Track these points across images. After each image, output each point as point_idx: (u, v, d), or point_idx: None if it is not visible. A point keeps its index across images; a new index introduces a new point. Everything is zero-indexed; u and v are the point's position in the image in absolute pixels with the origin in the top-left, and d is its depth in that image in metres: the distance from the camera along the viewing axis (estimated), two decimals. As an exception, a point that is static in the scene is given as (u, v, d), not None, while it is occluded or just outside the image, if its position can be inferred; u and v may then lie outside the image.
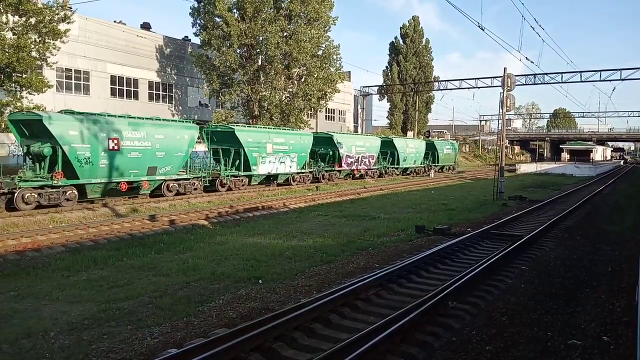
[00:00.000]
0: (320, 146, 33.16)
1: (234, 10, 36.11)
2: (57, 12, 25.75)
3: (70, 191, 17.57)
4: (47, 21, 25.32)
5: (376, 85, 67.97)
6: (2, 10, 24.39)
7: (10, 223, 14.37)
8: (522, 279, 8.79)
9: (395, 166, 41.51)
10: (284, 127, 33.62)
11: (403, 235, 13.39)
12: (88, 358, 5.61)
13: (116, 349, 5.84)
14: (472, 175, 46.06)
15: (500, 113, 23.85)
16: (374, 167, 38.51)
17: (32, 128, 17.49)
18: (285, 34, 37.07)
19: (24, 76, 25.18)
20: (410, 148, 43.23)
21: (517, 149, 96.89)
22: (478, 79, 55.78)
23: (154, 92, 40.42)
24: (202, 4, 36.85)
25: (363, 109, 67.80)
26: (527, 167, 56.60)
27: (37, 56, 25.63)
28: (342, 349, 5.18)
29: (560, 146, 78.74)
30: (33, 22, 25.06)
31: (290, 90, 39.38)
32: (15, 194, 15.97)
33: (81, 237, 13.21)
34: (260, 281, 8.73)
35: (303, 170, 30.33)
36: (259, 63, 37.75)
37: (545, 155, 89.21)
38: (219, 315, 6.97)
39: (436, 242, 11.99)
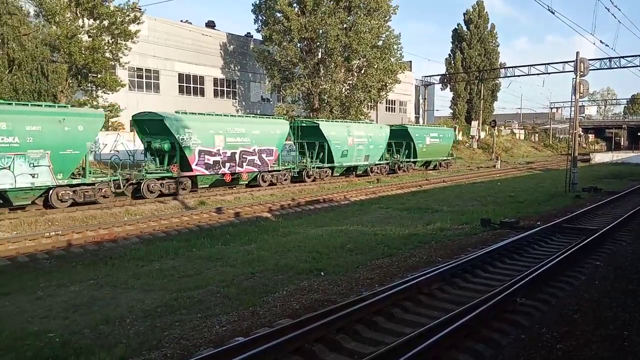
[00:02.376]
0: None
1: (294, 5, 36.42)
2: (127, 13, 27.10)
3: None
4: (118, 23, 26.74)
5: (438, 75, 66.26)
6: (79, 15, 26.01)
7: (89, 216, 15.39)
8: (597, 275, 8.31)
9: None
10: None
11: (467, 228, 13.04)
12: (161, 344, 5.92)
13: (187, 336, 6.13)
14: (542, 166, 43.97)
15: (573, 100, 22.57)
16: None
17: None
18: (344, 25, 36.95)
19: (99, 76, 26.77)
20: (361, 139, 29.89)
21: (591, 137, 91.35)
22: (548, 64, 52.92)
23: (219, 88, 41.66)
24: (263, 0, 37.47)
25: (425, 99, 66.40)
26: (602, 157, 53.25)
27: (111, 57, 27.17)
28: (406, 343, 5.15)
29: (639, 134, 73.40)
30: (106, 25, 26.55)
31: (350, 82, 39.27)
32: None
33: (154, 228, 13.93)
34: (322, 273, 8.83)
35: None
36: (319, 56, 37.90)
37: (622, 143, 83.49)
38: (282, 305, 7.13)
39: (503, 236, 11.58)
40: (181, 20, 39.85)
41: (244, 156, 21.83)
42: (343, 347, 5.59)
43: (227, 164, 21.21)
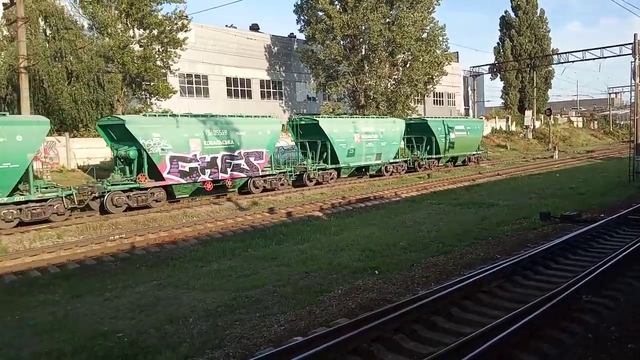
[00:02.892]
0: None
1: (336, 3, 36.40)
2: (175, 22, 27.97)
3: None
4: (167, 31, 27.65)
5: (487, 65, 64.34)
6: (129, 25, 27.09)
7: (150, 219, 16.03)
8: (670, 270, 7.86)
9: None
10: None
11: (526, 223, 12.62)
12: (223, 343, 6.09)
13: (247, 335, 6.28)
14: (603, 155, 41.83)
15: (633, 84, 21.35)
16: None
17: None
18: (387, 20, 36.58)
19: (151, 84, 27.81)
20: (370, 135, 26.79)
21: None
22: (603, 48, 50.13)
23: (265, 90, 42.28)
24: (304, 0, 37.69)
25: (473, 90, 64.67)
26: (669, 142, 49.91)
27: (162, 65, 28.15)
28: (467, 343, 5.06)
29: None
30: (155, 34, 27.52)
31: (396, 77, 38.85)
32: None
33: (210, 230, 14.35)
34: (376, 272, 8.80)
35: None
36: (363, 53, 37.72)
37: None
38: (338, 305, 7.17)
39: (565, 230, 11.14)
40: (226, 25, 40.75)
41: (227, 161, 19.50)
42: (402, 347, 5.56)
43: (207, 171, 18.93)
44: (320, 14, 36.35)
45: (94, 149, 24.22)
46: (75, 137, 24.61)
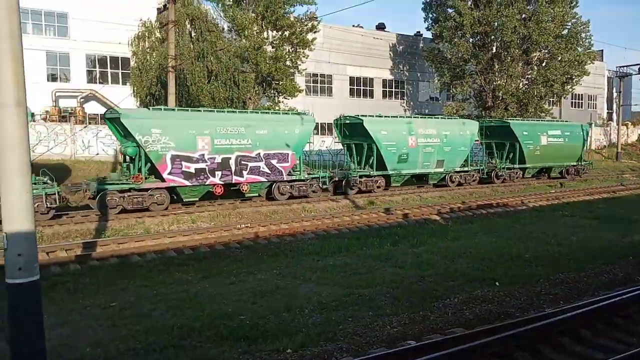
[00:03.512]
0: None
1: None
2: (305, 23, 29.10)
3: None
4: (297, 32, 28.86)
5: (636, 64, 57.39)
6: (264, 28, 28.75)
7: (272, 211, 16.91)
8: None
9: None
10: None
11: (678, 244, 11.09)
12: (336, 337, 6.23)
13: (360, 332, 6.35)
14: None
15: None
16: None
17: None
18: (523, 16, 34.36)
19: (280, 83, 29.26)
20: (430, 139, 22.76)
21: None
22: None
23: (387, 89, 42.21)
24: (434, -3, 36.89)
25: (619, 92, 58.13)
26: None
27: (291, 65, 29.48)
28: (599, 372, 4.61)
29: None
30: (287, 35, 28.87)
31: (529, 76, 36.38)
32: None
33: (327, 225, 14.73)
34: (497, 283, 8.36)
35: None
36: (493, 51, 35.89)
37: None
38: (455, 313, 6.95)
39: None
40: (353, 25, 41.32)
41: (242, 162, 17.30)
42: (523, 366, 5.24)
43: (218, 173, 16.83)
44: (450, 11, 35.31)
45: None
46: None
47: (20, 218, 4.76)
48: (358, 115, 21.83)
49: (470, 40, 35.75)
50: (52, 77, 30.03)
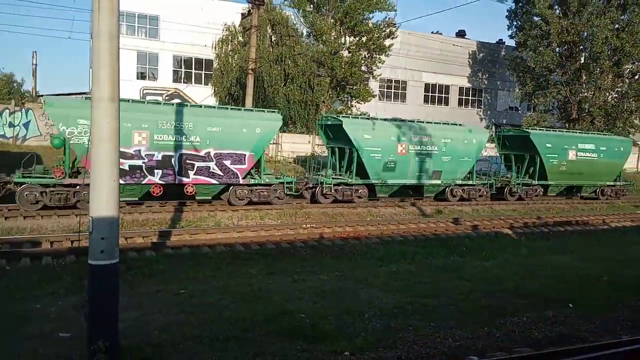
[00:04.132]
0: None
1: (555, 7, 33.39)
2: (383, 29, 29.02)
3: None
4: (375, 38, 28.85)
5: None
6: (342, 33, 29.00)
7: (338, 213, 17.00)
8: None
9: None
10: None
11: None
12: (395, 345, 6.15)
13: (420, 342, 6.23)
14: None
15: None
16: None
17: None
18: (616, 26, 32.17)
19: (354, 88, 29.39)
20: (425, 146, 20.01)
21: None
22: None
23: (464, 97, 41.08)
24: (519, 4, 35.46)
25: None
26: None
27: (366, 70, 29.52)
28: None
29: None
30: (364, 40, 28.94)
31: (619, 89, 33.97)
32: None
33: (393, 231, 14.60)
34: (570, 305, 7.88)
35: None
36: (581, 61, 33.89)
37: None
38: (522, 333, 6.64)
39: None
40: (432, 32, 40.62)
41: (188, 162, 15.58)
42: (594, 394, 4.91)
43: (158, 172, 15.23)
44: (536, 19, 33.80)
45: (298, 144, 26.76)
46: (284, 132, 27.45)
47: (106, 205, 5.15)
48: (339, 116, 20.05)
49: (557, 49, 34.01)
50: (141, 75, 32.09)
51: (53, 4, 50.24)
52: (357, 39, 29.20)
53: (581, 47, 33.51)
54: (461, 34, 43.57)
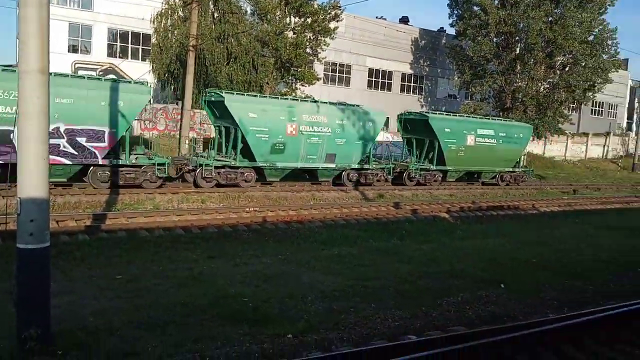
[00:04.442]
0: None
1: (494, -2, 34.61)
2: (329, 11, 28.87)
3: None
4: (320, 20, 28.66)
5: (663, 75, 56.31)
6: (287, 13, 28.58)
7: (282, 197, 16.94)
8: None
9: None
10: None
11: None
12: (337, 327, 6.25)
13: (361, 323, 6.37)
14: None
15: None
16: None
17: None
18: (550, 19, 33.79)
19: (299, 70, 29.14)
20: (318, 127, 19.14)
21: None
22: None
23: (406, 83, 41.87)
24: (461, -7, 36.42)
25: (641, 103, 57.25)
26: None
27: (311, 52, 29.33)
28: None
29: None
30: (309, 22, 28.68)
31: (551, 80, 35.87)
32: None
33: (335, 215, 14.71)
34: (502, 285, 8.31)
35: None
36: (517, 52, 35.41)
37: None
38: (457, 312, 6.94)
39: None
40: (376, 17, 40.93)
41: None
42: (522, 369, 5.21)
43: None
44: (476, 8, 34.86)
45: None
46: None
47: (35, 185, 4.84)
48: (222, 92, 18.41)
49: (494, 39, 35.29)
50: (73, 49, 30.21)
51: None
52: (303, 20, 28.88)
53: (517, 38, 34.95)
54: (404, 20, 44.19)
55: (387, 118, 23.76)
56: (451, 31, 39.37)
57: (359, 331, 6.12)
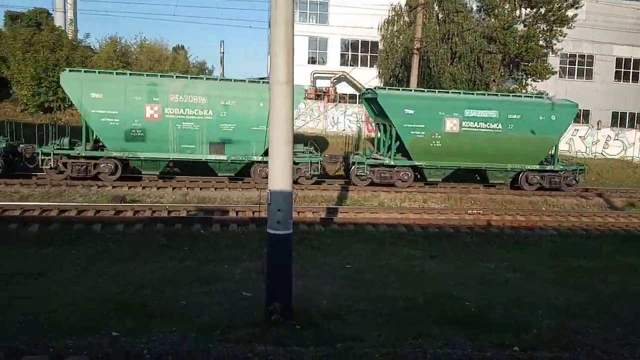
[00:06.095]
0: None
1: None
2: (567, -1, 25.99)
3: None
4: (555, 9, 25.96)
5: None
6: (516, 5, 26.69)
7: (508, 200, 15.94)
8: None
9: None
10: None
11: None
12: (572, 346, 5.56)
13: (602, 347, 5.55)
14: None
15: None
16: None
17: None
18: None
19: (529, 64, 26.93)
20: (192, 108, 15.24)
21: None
22: None
23: (667, 72, 34.87)
24: None
25: None
26: None
27: (544, 44, 26.80)
28: None
29: None
30: (542, 12, 26.25)
31: None
32: None
33: (573, 224, 13.20)
34: None
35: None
36: None
37: None
38: None
39: None
40: (624, -1, 35.08)
41: None
42: None
43: None
44: None
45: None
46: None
47: (282, 180, 5.57)
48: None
49: None
50: (312, 60, 33.75)
51: (237, -4, 55.27)
52: (535, 10, 26.57)
53: None
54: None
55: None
56: None
57: (599, 356, 5.35)
